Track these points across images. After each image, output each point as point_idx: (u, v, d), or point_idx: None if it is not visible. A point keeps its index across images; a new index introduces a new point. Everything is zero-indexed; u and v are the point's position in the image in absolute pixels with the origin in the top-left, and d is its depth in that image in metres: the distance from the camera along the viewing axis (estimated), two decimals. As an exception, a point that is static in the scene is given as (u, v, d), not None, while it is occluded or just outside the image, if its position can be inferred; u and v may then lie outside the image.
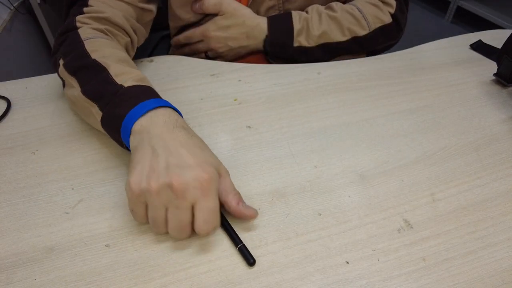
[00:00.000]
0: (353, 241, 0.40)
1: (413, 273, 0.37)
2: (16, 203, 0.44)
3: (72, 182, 0.46)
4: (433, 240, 0.40)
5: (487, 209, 0.43)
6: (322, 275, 0.37)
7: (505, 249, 0.39)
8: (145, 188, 0.36)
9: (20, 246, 0.39)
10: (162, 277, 0.37)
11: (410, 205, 0.44)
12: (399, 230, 0.41)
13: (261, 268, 0.38)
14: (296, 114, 0.56)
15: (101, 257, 0.39)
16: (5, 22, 1.59)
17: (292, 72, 0.66)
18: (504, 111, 0.58)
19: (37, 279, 0.37)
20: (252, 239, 0.40)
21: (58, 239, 0.40)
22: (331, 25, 0.67)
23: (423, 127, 0.54)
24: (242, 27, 0.68)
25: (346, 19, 0.68)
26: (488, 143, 0.52)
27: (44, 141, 0.52)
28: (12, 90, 0.61)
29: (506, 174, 0.48)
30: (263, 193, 0.45)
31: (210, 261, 0.38)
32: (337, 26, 0.67)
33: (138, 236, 0.40)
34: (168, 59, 0.70)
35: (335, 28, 0.68)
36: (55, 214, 0.42)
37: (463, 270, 0.38)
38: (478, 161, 0.49)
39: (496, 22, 2.18)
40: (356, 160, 0.49)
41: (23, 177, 0.47)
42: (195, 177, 0.36)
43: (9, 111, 0.57)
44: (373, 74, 0.66)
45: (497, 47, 0.68)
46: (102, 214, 0.42)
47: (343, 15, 0.68)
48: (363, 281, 0.37)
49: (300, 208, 0.43)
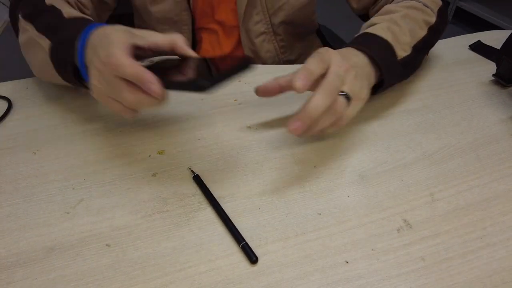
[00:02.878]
0: (352, 240, 0.40)
1: (412, 273, 0.38)
2: (17, 203, 0.44)
3: (73, 182, 0.46)
4: (432, 240, 0.40)
5: (486, 209, 0.44)
6: (321, 274, 0.37)
7: (504, 249, 0.40)
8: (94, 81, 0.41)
9: (21, 245, 0.40)
10: (162, 277, 0.37)
11: (409, 205, 0.44)
12: (399, 230, 0.41)
13: (260, 268, 0.38)
14: (296, 114, 0.57)
15: (102, 256, 0.39)
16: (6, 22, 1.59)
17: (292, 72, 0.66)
18: (503, 111, 0.58)
19: (38, 278, 0.37)
20: (252, 239, 0.40)
21: (59, 238, 0.40)
22: (409, 23, 0.57)
23: (422, 127, 0.54)
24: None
25: (415, 13, 0.59)
26: (487, 143, 0.52)
27: (45, 141, 0.52)
28: (13, 90, 0.61)
29: (505, 174, 0.48)
30: (263, 193, 0.45)
31: (210, 261, 0.38)
32: (414, 22, 0.58)
33: (139, 236, 0.40)
34: (168, 60, 0.70)
35: (414, 25, 0.58)
36: (55, 214, 0.43)
37: (462, 269, 0.38)
38: (477, 161, 0.50)
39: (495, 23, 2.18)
40: (355, 160, 0.49)
41: (24, 177, 0.47)
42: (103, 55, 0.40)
43: (10, 111, 0.57)
44: (373, 74, 0.66)
45: (496, 48, 0.68)
46: (102, 214, 0.43)
47: (410, 11, 0.59)
48: (363, 280, 0.37)
49: (300, 208, 0.43)
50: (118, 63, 0.38)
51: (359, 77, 0.47)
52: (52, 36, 0.48)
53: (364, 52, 0.51)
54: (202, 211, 0.43)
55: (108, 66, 0.39)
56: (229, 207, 0.43)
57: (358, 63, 0.49)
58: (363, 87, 0.47)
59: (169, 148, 0.50)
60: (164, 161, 0.49)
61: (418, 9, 0.60)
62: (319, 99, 0.41)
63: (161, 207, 0.43)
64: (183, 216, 0.42)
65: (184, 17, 0.70)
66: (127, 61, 0.38)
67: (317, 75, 0.42)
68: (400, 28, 0.55)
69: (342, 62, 0.44)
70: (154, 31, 0.44)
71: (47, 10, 0.51)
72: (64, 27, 0.48)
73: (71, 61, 0.45)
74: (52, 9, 0.51)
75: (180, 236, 0.41)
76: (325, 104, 0.42)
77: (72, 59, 0.45)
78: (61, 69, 0.48)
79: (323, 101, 0.41)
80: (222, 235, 0.41)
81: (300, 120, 0.41)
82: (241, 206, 0.44)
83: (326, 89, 0.42)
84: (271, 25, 0.71)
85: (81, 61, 0.44)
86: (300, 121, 0.41)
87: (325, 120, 0.43)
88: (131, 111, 0.42)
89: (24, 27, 0.52)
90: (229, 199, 0.44)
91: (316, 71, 0.42)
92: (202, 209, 0.43)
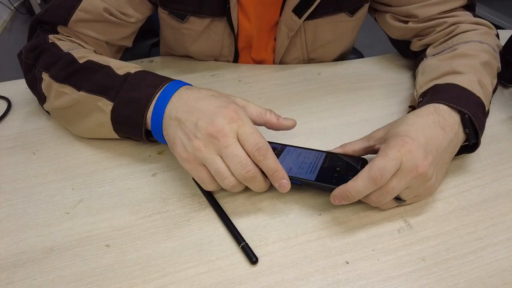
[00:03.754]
0: (353, 241, 0.40)
1: (413, 273, 0.37)
2: (16, 203, 0.44)
3: (72, 182, 0.46)
4: (433, 240, 0.40)
5: (487, 209, 0.43)
6: (322, 275, 0.37)
7: (504, 249, 0.40)
8: (192, 150, 0.40)
9: (20, 246, 0.39)
10: (162, 277, 0.37)
11: (410, 205, 0.44)
12: (399, 230, 0.41)
13: (261, 268, 0.38)
14: (296, 114, 0.56)
15: (101, 257, 0.39)
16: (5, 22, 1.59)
17: (292, 72, 0.66)
18: (504, 111, 0.58)
19: (37, 279, 0.37)
20: (252, 239, 0.40)
21: (58, 239, 0.40)
22: (490, 74, 0.52)
23: (423, 127, 0.54)
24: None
25: (492, 61, 0.54)
26: (488, 143, 0.52)
27: (44, 141, 0.52)
28: (12, 90, 0.61)
29: (506, 174, 0.48)
30: (263, 193, 0.45)
31: (210, 261, 0.38)
32: (492, 72, 0.53)
33: (138, 236, 0.40)
34: (168, 60, 0.70)
35: (493, 76, 0.53)
36: (55, 214, 0.42)
37: (463, 270, 0.38)
38: (478, 161, 0.49)
39: (496, 23, 2.18)
40: (356, 160, 0.49)
41: (24, 177, 0.47)
42: (223, 115, 0.40)
43: (9, 111, 0.57)
44: (373, 74, 0.66)
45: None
46: (102, 214, 0.43)
47: (488, 56, 0.53)
48: (363, 281, 0.37)
49: (300, 208, 0.43)
50: (266, 154, 0.39)
51: (437, 169, 0.42)
52: (113, 96, 0.45)
53: (459, 112, 0.44)
54: (202, 211, 0.43)
55: (250, 139, 0.39)
56: (229, 207, 0.43)
57: (443, 141, 0.42)
58: (437, 181, 0.42)
59: (169, 149, 0.50)
60: (164, 161, 0.49)
61: (491, 54, 0.54)
62: (362, 186, 0.38)
63: (161, 207, 0.43)
64: (183, 216, 0.42)
65: (225, 52, 0.68)
66: (271, 155, 0.39)
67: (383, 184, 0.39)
68: (485, 81, 0.49)
69: (415, 166, 0.39)
70: (248, 101, 0.45)
71: (88, 69, 0.47)
72: (129, 87, 0.45)
73: (141, 122, 0.44)
74: (96, 66, 0.47)
75: (180, 236, 0.40)
76: (367, 192, 0.39)
77: (143, 120, 0.44)
78: (125, 130, 0.46)
79: (366, 189, 0.39)
80: (222, 236, 0.41)
81: (339, 197, 0.40)
82: (241, 206, 0.43)
83: (378, 187, 0.39)
84: (308, 60, 0.70)
85: (158, 120, 0.43)
86: (337, 198, 0.40)
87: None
88: (217, 185, 0.41)
89: (60, 91, 0.48)
90: (229, 199, 0.44)
91: (386, 181, 0.39)
92: (202, 209, 0.43)
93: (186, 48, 0.67)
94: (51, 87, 0.49)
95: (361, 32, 0.73)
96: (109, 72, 0.47)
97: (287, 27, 0.62)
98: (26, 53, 0.52)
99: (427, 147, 0.40)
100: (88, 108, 0.47)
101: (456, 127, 0.43)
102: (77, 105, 0.47)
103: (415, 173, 0.39)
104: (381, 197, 0.40)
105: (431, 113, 0.44)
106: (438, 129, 0.42)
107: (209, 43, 0.65)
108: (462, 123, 0.44)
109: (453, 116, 0.44)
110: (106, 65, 0.47)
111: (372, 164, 0.39)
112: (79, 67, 0.48)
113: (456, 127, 0.43)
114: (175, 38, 0.66)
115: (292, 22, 0.61)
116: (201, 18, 0.61)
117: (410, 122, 0.43)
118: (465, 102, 0.45)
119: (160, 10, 0.63)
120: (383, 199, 0.40)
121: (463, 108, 0.44)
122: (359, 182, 0.38)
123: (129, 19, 0.59)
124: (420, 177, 0.39)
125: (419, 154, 0.39)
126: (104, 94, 0.45)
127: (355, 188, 0.39)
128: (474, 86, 0.47)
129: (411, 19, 0.62)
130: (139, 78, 0.45)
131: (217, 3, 0.59)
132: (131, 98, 0.44)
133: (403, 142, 0.40)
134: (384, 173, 0.38)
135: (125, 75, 0.46)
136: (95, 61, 0.48)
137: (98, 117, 0.46)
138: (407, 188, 0.40)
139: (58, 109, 0.50)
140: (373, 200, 0.40)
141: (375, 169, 0.38)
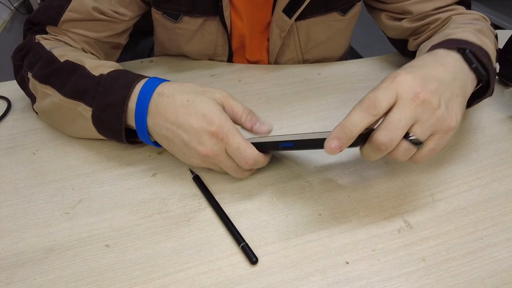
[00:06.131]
0: (353, 241, 0.40)
1: (413, 274, 0.37)
2: (16, 203, 0.44)
3: (72, 182, 0.46)
4: (433, 241, 0.40)
5: (487, 210, 0.43)
6: (322, 275, 0.37)
7: (505, 250, 0.39)
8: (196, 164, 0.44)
9: (20, 246, 0.39)
10: (162, 277, 0.37)
11: (410, 205, 0.44)
12: (399, 230, 0.41)
13: (261, 269, 0.38)
14: (296, 114, 0.56)
15: (101, 257, 0.39)
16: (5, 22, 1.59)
17: (292, 72, 0.66)
18: (504, 111, 0.58)
19: (37, 279, 0.37)
20: (252, 239, 0.40)
21: (58, 239, 0.40)
22: (484, 34, 0.51)
23: (423, 127, 0.54)
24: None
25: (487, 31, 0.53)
26: (488, 143, 0.52)
27: (44, 141, 0.52)
28: (12, 90, 0.61)
29: (506, 174, 0.48)
30: (263, 193, 0.45)
31: (210, 261, 0.38)
32: (488, 34, 0.52)
33: (138, 236, 0.40)
34: (168, 60, 0.70)
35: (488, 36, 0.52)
36: (55, 214, 0.42)
37: (463, 270, 0.38)
38: (478, 161, 0.49)
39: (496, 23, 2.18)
40: (355, 160, 0.49)
41: (23, 177, 0.47)
42: (208, 134, 0.41)
43: (9, 111, 0.57)
44: (373, 74, 0.66)
45: (499, 47, 0.68)
46: (102, 214, 0.43)
47: (481, 26, 0.53)
48: (363, 281, 0.37)
49: (300, 208, 0.43)
50: (255, 164, 0.42)
51: (447, 100, 0.37)
52: (89, 102, 0.45)
53: (458, 49, 0.42)
54: (202, 211, 0.43)
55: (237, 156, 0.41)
56: (229, 207, 0.43)
57: (445, 75, 0.39)
58: (451, 113, 0.37)
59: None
60: (164, 161, 0.49)
61: (485, 27, 0.54)
62: (357, 116, 0.35)
63: (161, 208, 0.43)
64: (183, 217, 0.42)
65: (219, 52, 0.68)
66: (261, 162, 0.43)
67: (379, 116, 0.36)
68: (484, 39, 0.48)
69: (415, 93, 0.36)
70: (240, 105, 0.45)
71: (65, 69, 0.47)
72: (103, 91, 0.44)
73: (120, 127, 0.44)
74: (71, 67, 0.47)
75: (180, 236, 0.40)
76: (363, 123, 0.35)
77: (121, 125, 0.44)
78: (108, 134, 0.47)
79: (361, 119, 0.35)
80: (222, 236, 0.40)
81: (335, 137, 0.36)
82: (241, 207, 0.43)
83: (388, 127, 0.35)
84: (303, 60, 0.70)
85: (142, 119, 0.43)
86: (334, 140, 0.36)
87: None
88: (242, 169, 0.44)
89: (44, 92, 0.48)
90: (229, 199, 0.44)
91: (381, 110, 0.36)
92: (202, 209, 0.43)
93: (180, 48, 0.67)
94: (36, 87, 0.49)
95: (360, 32, 0.73)
96: (84, 73, 0.46)
97: (278, 27, 0.62)
98: (14, 54, 0.54)
99: (426, 79, 0.37)
100: (72, 113, 0.47)
101: (459, 64, 0.41)
102: (60, 110, 0.48)
103: (417, 100, 0.35)
104: (390, 134, 0.35)
105: (427, 56, 0.42)
106: (438, 66, 0.40)
107: (203, 43, 0.66)
108: (465, 60, 0.42)
109: (452, 55, 0.42)
110: (81, 65, 0.47)
111: (363, 97, 0.37)
112: (57, 67, 0.48)
113: (459, 64, 0.41)
114: (169, 38, 0.67)
115: (283, 23, 0.61)
116: (195, 18, 0.62)
117: (403, 66, 0.40)
118: (464, 44, 0.44)
119: (154, 11, 0.63)
120: (393, 135, 0.35)
121: (461, 46, 0.42)
122: (352, 114, 0.36)
123: (121, 17, 0.59)
124: (425, 105, 0.36)
125: (415, 82, 0.36)
126: (81, 99, 0.45)
127: (349, 121, 0.35)
128: (472, 37, 0.46)
129: (406, 16, 0.62)
130: (111, 80, 0.45)
131: (209, 2, 0.60)
132: (107, 103, 0.44)
133: (395, 74, 0.37)
134: (376, 101, 0.35)
135: (99, 76, 0.46)
136: (72, 61, 0.48)
137: (82, 122, 0.47)
138: (417, 124, 0.36)
139: (45, 111, 0.51)
140: (383, 142, 0.35)
141: (366, 99, 0.36)
